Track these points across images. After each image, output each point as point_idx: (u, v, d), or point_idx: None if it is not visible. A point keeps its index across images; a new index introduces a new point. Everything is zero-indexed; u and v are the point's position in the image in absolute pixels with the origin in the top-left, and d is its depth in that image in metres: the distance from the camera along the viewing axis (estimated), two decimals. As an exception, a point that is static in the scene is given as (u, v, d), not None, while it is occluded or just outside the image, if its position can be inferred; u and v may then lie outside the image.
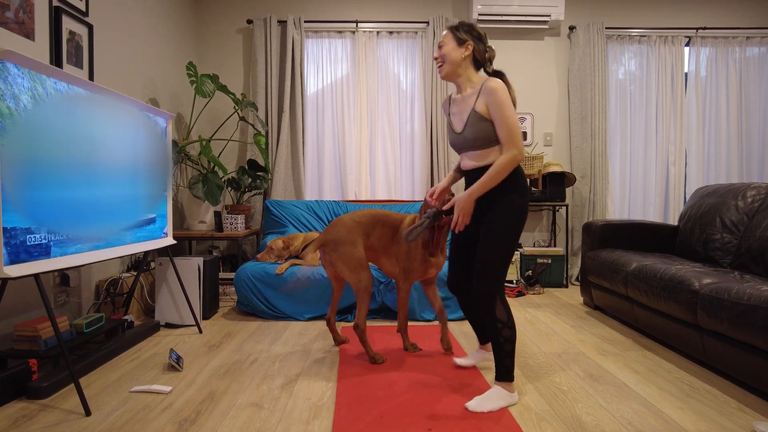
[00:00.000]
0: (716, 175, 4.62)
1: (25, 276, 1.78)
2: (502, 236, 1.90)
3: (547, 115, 4.67)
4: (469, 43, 2.01)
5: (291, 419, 1.81)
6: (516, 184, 1.94)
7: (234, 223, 3.78)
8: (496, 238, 1.90)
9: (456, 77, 2.06)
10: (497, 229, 1.90)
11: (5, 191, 1.72)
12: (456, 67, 2.03)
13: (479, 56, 2.03)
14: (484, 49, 2.03)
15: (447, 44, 2.04)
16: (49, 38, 2.53)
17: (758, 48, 4.60)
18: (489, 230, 1.92)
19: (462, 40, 2.01)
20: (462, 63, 2.02)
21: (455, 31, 2.04)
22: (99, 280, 2.97)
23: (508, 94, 1.89)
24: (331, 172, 4.55)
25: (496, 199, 1.93)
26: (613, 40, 4.61)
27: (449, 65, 2.03)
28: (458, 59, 2.01)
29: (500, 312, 1.89)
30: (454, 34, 2.03)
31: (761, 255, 2.69)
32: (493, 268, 1.89)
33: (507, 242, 1.90)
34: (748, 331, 1.96)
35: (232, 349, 2.62)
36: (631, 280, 2.81)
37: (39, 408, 1.90)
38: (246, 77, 4.56)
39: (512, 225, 1.91)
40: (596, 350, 2.60)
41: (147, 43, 3.57)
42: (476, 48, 2.01)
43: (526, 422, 1.78)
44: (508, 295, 3.95)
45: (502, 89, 1.88)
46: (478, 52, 2.02)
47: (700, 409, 1.90)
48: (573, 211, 4.57)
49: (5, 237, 1.71)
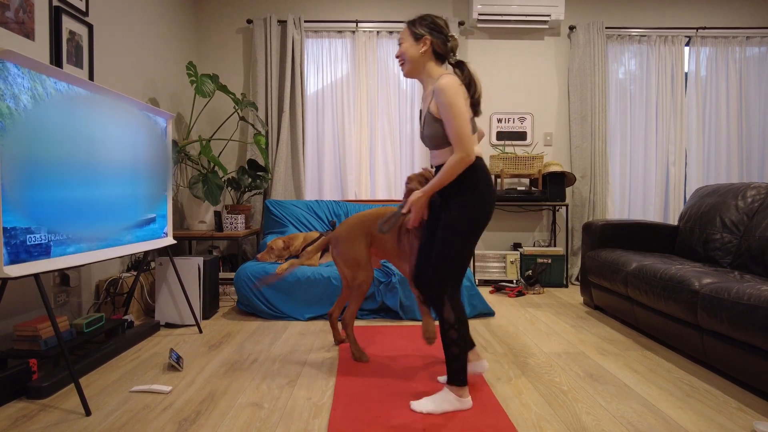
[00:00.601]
0: (716, 175, 4.62)
1: (25, 276, 1.78)
2: (456, 235, 1.84)
3: (547, 115, 4.67)
4: (426, 37, 1.91)
5: (291, 419, 1.81)
6: (474, 183, 1.85)
7: (234, 223, 3.78)
8: (450, 236, 1.84)
9: (417, 74, 1.98)
10: (451, 227, 1.84)
11: (5, 191, 1.72)
12: (416, 64, 1.94)
13: (439, 49, 1.92)
14: (444, 39, 1.92)
15: (405, 41, 1.96)
16: (49, 38, 2.53)
17: (758, 48, 4.60)
18: (443, 228, 1.86)
19: (419, 35, 1.91)
20: (421, 59, 1.93)
21: (411, 26, 1.94)
22: (99, 280, 2.97)
23: (457, 92, 1.79)
24: (331, 172, 4.55)
25: (453, 197, 1.87)
26: (613, 40, 4.61)
27: (409, 63, 1.95)
28: (417, 56, 1.92)
29: (447, 312, 1.83)
30: (410, 30, 1.94)
31: (761, 255, 2.69)
32: (444, 266, 1.84)
33: (460, 241, 1.84)
34: (748, 330, 1.95)
35: (232, 349, 2.62)
36: (631, 279, 2.81)
37: (39, 408, 1.90)
38: (246, 77, 4.56)
39: (466, 224, 1.84)
40: (596, 350, 2.60)
41: (147, 43, 3.56)
42: (434, 41, 1.91)
43: (526, 422, 1.78)
44: (508, 295, 3.95)
45: (451, 87, 1.78)
46: (437, 45, 1.91)
47: (700, 408, 1.90)
48: (573, 211, 4.57)
49: (5, 237, 1.71)
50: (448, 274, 1.85)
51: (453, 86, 1.79)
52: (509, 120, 4.64)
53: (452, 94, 1.78)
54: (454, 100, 1.78)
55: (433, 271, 1.86)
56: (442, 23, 1.94)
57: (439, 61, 1.96)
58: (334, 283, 3.21)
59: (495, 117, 4.63)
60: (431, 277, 1.86)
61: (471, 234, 1.85)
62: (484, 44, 4.62)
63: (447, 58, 1.98)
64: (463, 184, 1.86)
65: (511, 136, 4.64)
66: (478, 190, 1.85)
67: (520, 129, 4.65)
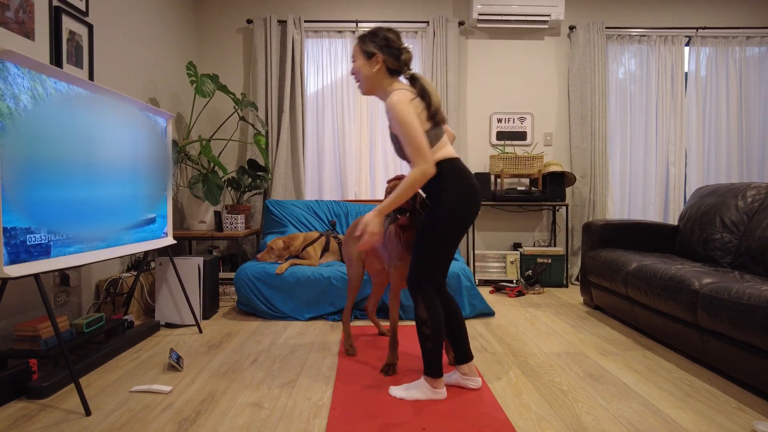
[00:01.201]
0: (716, 175, 4.62)
1: (25, 276, 1.78)
2: (429, 237, 1.87)
3: (547, 115, 4.67)
4: (377, 55, 1.90)
5: (291, 419, 1.81)
6: (450, 185, 1.86)
7: (234, 223, 3.78)
8: (424, 238, 1.88)
9: (374, 92, 1.98)
10: (426, 230, 1.88)
11: (5, 191, 1.72)
12: (371, 82, 1.94)
13: (392, 65, 1.91)
14: (397, 53, 1.91)
15: (357, 59, 1.95)
16: (49, 38, 2.53)
17: (758, 48, 4.60)
18: (420, 230, 1.90)
19: (370, 53, 1.91)
20: (375, 77, 1.92)
21: (362, 43, 1.93)
22: (99, 280, 2.97)
23: (404, 108, 1.78)
24: (331, 172, 4.55)
25: (432, 199, 1.90)
26: (613, 40, 4.61)
27: (364, 82, 1.95)
28: (370, 74, 1.92)
29: (420, 310, 1.90)
30: (361, 48, 1.93)
31: (761, 255, 2.69)
32: (419, 266, 1.89)
33: (435, 242, 1.86)
34: (748, 330, 1.95)
35: (232, 349, 2.62)
36: (631, 279, 2.81)
37: (39, 408, 1.90)
38: (246, 77, 4.56)
39: (442, 225, 1.85)
40: (596, 350, 2.60)
41: (147, 43, 3.56)
42: (386, 59, 1.90)
43: (526, 422, 1.78)
44: (508, 295, 3.95)
45: (398, 103, 1.78)
46: (389, 62, 1.90)
47: (700, 408, 1.90)
48: (573, 211, 4.57)
49: (5, 237, 1.71)
50: (422, 274, 1.89)
51: (401, 101, 1.79)
52: (509, 120, 4.64)
53: (400, 109, 1.78)
54: (402, 116, 1.78)
55: (409, 270, 1.93)
56: (393, 37, 1.92)
57: (395, 76, 1.95)
58: (334, 284, 3.21)
59: (495, 117, 4.63)
60: (409, 276, 1.93)
61: (446, 237, 1.87)
62: (484, 44, 4.62)
63: (401, 73, 1.96)
64: (438, 187, 1.88)
65: (511, 136, 4.64)
66: (453, 191, 1.86)
67: (520, 129, 4.65)
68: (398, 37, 1.93)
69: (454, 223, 1.87)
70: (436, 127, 1.91)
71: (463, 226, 1.89)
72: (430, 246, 1.88)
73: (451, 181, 1.87)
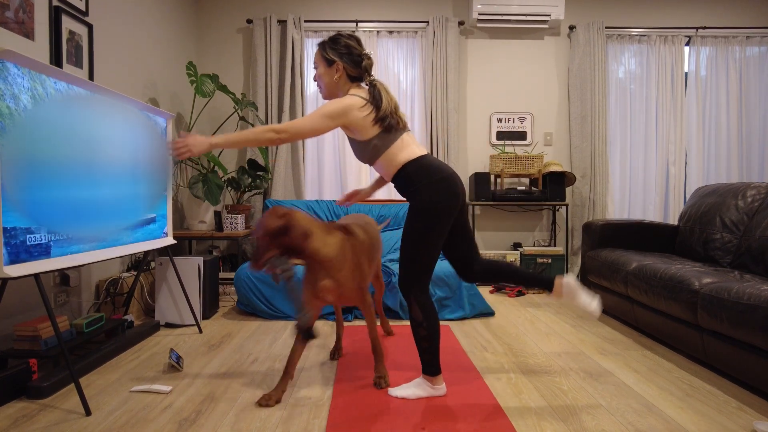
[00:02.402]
0: (716, 175, 4.62)
1: (25, 276, 1.78)
2: (412, 236, 1.88)
3: (547, 114, 4.67)
4: (337, 63, 1.93)
5: (291, 419, 1.81)
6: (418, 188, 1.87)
7: (234, 223, 3.78)
8: (407, 242, 1.90)
9: (334, 97, 2.00)
10: (407, 233, 1.90)
11: (5, 191, 1.72)
12: (332, 89, 1.98)
13: (353, 72, 1.94)
14: (358, 60, 1.94)
15: (318, 66, 1.98)
16: (49, 38, 2.53)
17: (758, 47, 4.60)
18: (402, 234, 1.93)
19: (330, 60, 1.94)
20: (338, 83, 1.96)
21: (323, 50, 1.95)
22: (99, 280, 2.97)
23: (336, 105, 1.83)
24: (331, 172, 4.55)
25: (410, 201, 1.92)
26: (613, 40, 4.61)
27: (325, 89, 1.99)
28: (331, 82, 1.96)
29: (415, 312, 1.91)
30: (321, 55, 1.95)
31: (761, 254, 2.69)
32: (406, 268, 1.91)
33: (417, 246, 1.88)
34: (748, 330, 1.95)
35: (232, 349, 2.62)
36: (631, 279, 2.81)
37: (39, 408, 1.90)
38: (246, 77, 4.56)
39: (421, 224, 1.86)
40: (596, 350, 2.60)
41: (147, 43, 3.56)
42: (346, 66, 1.93)
43: (526, 422, 1.78)
44: (508, 295, 3.95)
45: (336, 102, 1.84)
46: (349, 70, 1.94)
47: (700, 408, 1.90)
48: (573, 211, 4.57)
49: (5, 237, 1.71)
50: (411, 277, 1.91)
51: (341, 101, 1.85)
52: (509, 120, 4.64)
53: (329, 104, 1.85)
54: (327, 107, 1.83)
55: (399, 275, 1.95)
56: (353, 44, 1.94)
57: (356, 82, 1.98)
58: (334, 283, 3.21)
59: (495, 117, 4.63)
60: (399, 280, 1.95)
61: (425, 239, 1.88)
62: (484, 44, 4.62)
63: (362, 79, 1.98)
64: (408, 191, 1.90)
65: (511, 135, 4.64)
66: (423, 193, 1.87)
67: (520, 129, 4.65)
68: (359, 43, 1.96)
69: (431, 225, 1.87)
70: (387, 133, 1.91)
71: (441, 224, 1.88)
72: (414, 250, 1.89)
73: (419, 183, 1.88)
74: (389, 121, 1.90)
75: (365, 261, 2.10)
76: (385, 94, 1.92)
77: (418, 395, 1.97)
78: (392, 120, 1.91)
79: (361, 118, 1.87)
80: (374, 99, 1.90)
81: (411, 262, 1.91)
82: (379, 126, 1.89)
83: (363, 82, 2.00)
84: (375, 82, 1.95)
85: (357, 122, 1.87)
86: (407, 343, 2.70)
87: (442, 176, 1.89)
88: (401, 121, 1.95)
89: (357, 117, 1.87)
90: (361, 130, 1.90)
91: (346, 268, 1.99)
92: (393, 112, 1.91)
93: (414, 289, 1.92)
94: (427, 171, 1.89)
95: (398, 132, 1.94)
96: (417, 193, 1.88)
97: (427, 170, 1.89)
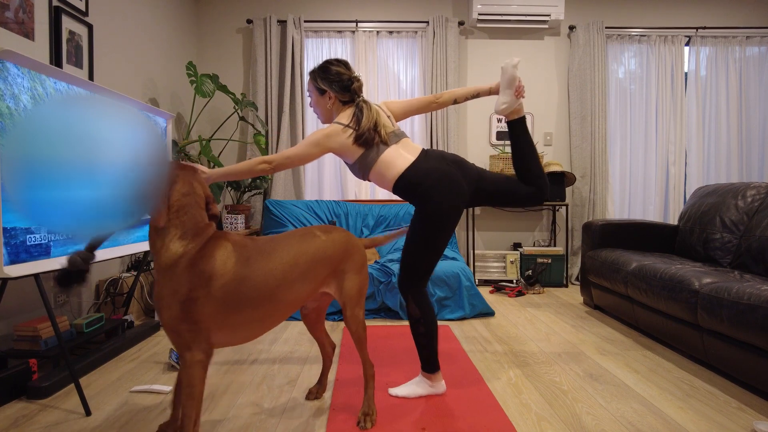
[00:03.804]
0: (716, 175, 4.62)
1: (25, 276, 1.78)
2: (417, 241, 1.93)
3: (547, 114, 4.67)
4: (328, 93, 1.99)
5: (291, 419, 1.81)
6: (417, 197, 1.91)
7: (234, 223, 3.78)
8: (412, 242, 1.95)
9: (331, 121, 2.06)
10: (413, 234, 1.95)
11: (5, 191, 1.72)
12: (328, 114, 2.04)
13: (343, 98, 2.00)
14: (347, 85, 1.98)
15: (312, 94, 2.05)
16: (48, 38, 2.53)
17: (758, 48, 4.60)
18: (407, 237, 1.98)
19: (321, 90, 2.00)
20: (332, 110, 2.03)
21: (314, 80, 2.02)
22: (99, 280, 2.97)
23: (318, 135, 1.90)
24: (331, 172, 4.55)
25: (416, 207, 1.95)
26: (613, 40, 4.61)
27: (322, 115, 2.06)
28: (326, 109, 2.03)
29: (412, 309, 1.96)
30: (313, 85, 2.02)
31: (761, 254, 2.69)
32: (405, 267, 1.96)
33: (421, 247, 1.92)
34: (748, 330, 1.96)
35: (232, 349, 2.62)
36: (631, 279, 2.81)
37: (39, 408, 1.90)
38: (246, 77, 4.55)
39: (426, 231, 1.91)
40: (596, 350, 2.60)
41: (147, 43, 3.56)
42: (337, 94, 1.99)
43: (526, 422, 1.78)
44: (508, 295, 3.95)
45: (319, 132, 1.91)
46: (340, 96, 1.99)
47: (701, 408, 1.90)
48: (573, 211, 4.57)
49: (5, 237, 1.71)
50: (411, 277, 1.96)
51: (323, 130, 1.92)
52: (509, 120, 4.63)
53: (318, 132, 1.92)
54: (312, 135, 1.91)
55: (399, 274, 2.01)
56: (342, 70, 2.00)
57: (350, 104, 2.03)
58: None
59: (495, 117, 4.63)
60: (398, 279, 2.01)
61: (431, 242, 1.92)
62: (484, 44, 4.62)
63: (354, 101, 2.03)
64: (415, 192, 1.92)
65: (511, 136, 4.64)
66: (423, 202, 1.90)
67: (520, 129, 4.64)
68: (347, 68, 2.02)
69: (437, 230, 1.91)
70: (371, 149, 1.94)
71: (448, 227, 1.92)
72: (417, 255, 1.94)
73: (417, 191, 1.91)
74: (366, 137, 1.93)
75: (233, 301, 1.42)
76: (367, 112, 1.96)
77: (417, 393, 1.99)
78: (369, 135, 1.94)
79: (341, 142, 1.93)
80: (356, 120, 1.95)
81: (413, 265, 1.95)
82: (360, 146, 1.94)
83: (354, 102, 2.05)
84: (359, 103, 1.99)
85: (340, 147, 1.94)
86: (407, 343, 2.70)
87: (440, 179, 1.90)
88: (381, 135, 1.96)
89: (337, 142, 1.93)
90: (346, 153, 1.96)
91: (174, 296, 1.36)
92: (371, 128, 1.94)
93: (412, 288, 1.97)
94: (422, 178, 1.91)
95: (382, 146, 1.96)
96: (419, 199, 1.91)
97: (422, 178, 1.91)
